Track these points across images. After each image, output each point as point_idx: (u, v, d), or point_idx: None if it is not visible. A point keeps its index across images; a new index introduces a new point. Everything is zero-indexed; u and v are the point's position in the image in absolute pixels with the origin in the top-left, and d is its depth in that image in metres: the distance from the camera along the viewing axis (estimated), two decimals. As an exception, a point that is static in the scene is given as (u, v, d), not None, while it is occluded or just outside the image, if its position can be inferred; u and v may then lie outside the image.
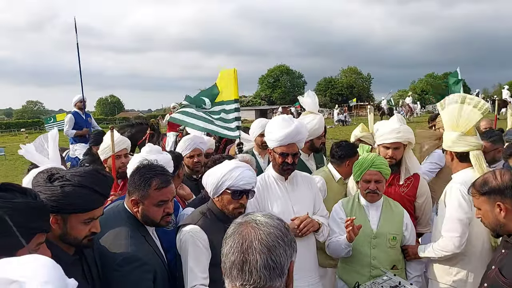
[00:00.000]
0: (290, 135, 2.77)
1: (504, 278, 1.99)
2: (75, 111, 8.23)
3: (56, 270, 1.03)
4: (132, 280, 1.98)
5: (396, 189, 3.40)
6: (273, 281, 1.17)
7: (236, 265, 1.17)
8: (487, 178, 2.12)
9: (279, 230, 1.22)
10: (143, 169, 2.23)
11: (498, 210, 2.06)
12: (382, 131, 3.45)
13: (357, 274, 2.93)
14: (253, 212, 1.30)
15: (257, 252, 1.16)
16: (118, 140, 3.80)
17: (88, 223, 1.84)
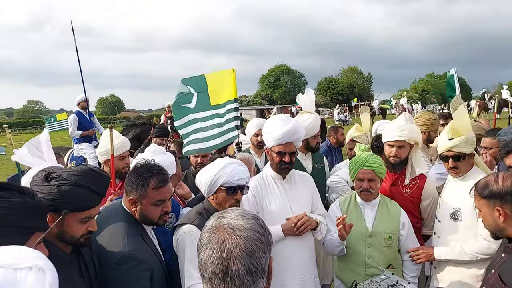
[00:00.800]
0: (287, 134, 2.78)
1: (503, 285, 1.95)
2: (78, 110, 8.24)
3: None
4: (129, 279, 1.99)
5: (399, 190, 3.37)
6: (256, 284, 1.16)
7: (217, 275, 1.14)
8: (488, 181, 2.10)
9: (255, 231, 1.18)
10: (141, 168, 2.24)
11: (497, 215, 2.04)
12: (388, 128, 3.45)
13: (352, 272, 2.95)
14: (225, 212, 1.26)
15: (238, 260, 1.13)
16: (123, 142, 3.81)
17: (85, 222, 1.84)
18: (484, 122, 5.76)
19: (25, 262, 0.97)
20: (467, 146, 2.85)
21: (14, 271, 0.94)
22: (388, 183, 3.42)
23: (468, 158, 2.90)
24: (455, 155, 2.90)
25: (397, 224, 3.00)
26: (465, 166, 2.92)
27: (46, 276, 0.99)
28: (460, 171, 2.94)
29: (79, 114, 8.18)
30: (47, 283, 0.98)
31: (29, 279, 0.95)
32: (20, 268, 0.95)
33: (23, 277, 0.94)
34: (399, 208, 3.08)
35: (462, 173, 2.94)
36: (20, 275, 0.94)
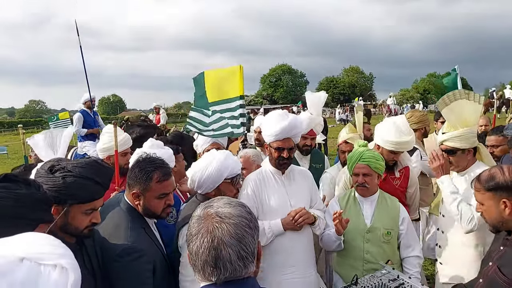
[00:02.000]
0: (285, 129, 2.79)
1: (504, 277, 1.95)
2: (83, 109, 8.37)
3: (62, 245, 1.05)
4: (132, 271, 2.02)
5: (390, 183, 3.47)
6: (247, 268, 1.20)
7: (209, 263, 1.17)
8: (494, 173, 2.05)
9: (244, 218, 1.22)
10: (143, 162, 2.26)
11: (503, 207, 2.01)
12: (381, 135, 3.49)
13: (350, 267, 2.96)
14: (211, 201, 1.28)
15: (229, 246, 1.16)
16: (126, 139, 3.83)
17: (89, 213, 1.87)
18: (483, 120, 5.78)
19: (51, 258, 0.98)
20: (460, 141, 2.86)
21: (38, 266, 0.95)
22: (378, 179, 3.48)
23: (463, 153, 2.90)
24: (447, 149, 2.92)
25: (396, 220, 3.01)
26: (459, 161, 2.92)
27: (69, 276, 1.00)
28: (453, 165, 2.96)
29: (84, 112, 8.32)
30: (69, 283, 0.99)
31: (52, 277, 0.96)
32: (44, 264, 0.96)
33: (46, 274, 0.95)
34: (399, 204, 3.10)
35: (457, 167, 2.95)
36: (44, 271, 0.95)
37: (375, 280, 2.56)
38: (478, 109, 2.89)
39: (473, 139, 2.89)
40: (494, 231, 2.17)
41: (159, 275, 2.18)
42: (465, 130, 2.86)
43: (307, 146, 3.97)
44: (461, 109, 2.89)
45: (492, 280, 2.04)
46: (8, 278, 0.89)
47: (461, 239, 2.90)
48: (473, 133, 2.90)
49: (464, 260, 2.89)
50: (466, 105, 2.88)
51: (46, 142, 2.51)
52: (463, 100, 2.88)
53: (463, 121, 2.89)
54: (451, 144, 2.89)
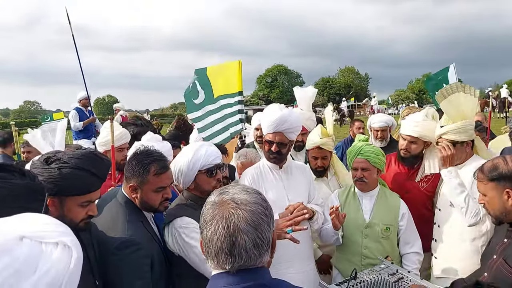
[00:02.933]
0: (275, 122, 2.75)
1: (511, 269, 1.93)
2: (78, 107, 8.39)
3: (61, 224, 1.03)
4: (130, 264, 1.99)
5: (415, 184, 3.38)
6: (262, 257, 1.18)
7: (223, 250, 1.14)
8: (497, 163, 2.03)
9: (259, 205, 1.20)
10: (141, 155, 2.23)
11: (506, 197, 1.99)
12: (405, 121, 3.43)
13: (348, 262, 2.95)
14: (226, 188, 1.25)
15: (245, 233, 1.13)
16: (122, 134, 3.80)
17: (85, 206, 1.84)
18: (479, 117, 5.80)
19: (53, 236, 0.96)
20: (460, 133, 2.85)
21: (39, 245, 0.93)
22: (403, 177, 3.43)
23: (462, 146, 2.89)
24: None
25: (396, 216, 2.99)
26: (458, 154, 2.90)
27: (72, 253, 0.98)
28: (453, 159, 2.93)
29: (80, 110, 8.33)
30: (73, 259, 0.98)
31: (54, 255, 0.94)
32: (45, 243, 0.94)
33: (49, 252, 0.93)
34: (399, 200, 3.08)
35: (456, 161, 2.93)
36: (46, 249, 0.93)
37: (374, 275, 2.55)
38: (474, 102, 2.89)
39: (471, 132, 2.89)
40: (496, 222, 2.14)
41: (157, 269, 2.15)
42: (463, 123, 2.85)
43: (298, 142, 3.94)
44: (459, 102, 2.88)
45: (498, 273, 2.01)
46: (6, 257, 0.86)
47: (458, 233, 2.88)
48: (471, 125, 2.90)
49: (460, 255, 2.87)
50: (463, 98, 2.87)
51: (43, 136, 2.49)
52: (460, 93, 2.87)
53: (461, 113, 2.88)
54: (451, 137, 2.88)
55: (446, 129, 2.90)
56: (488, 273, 2.12)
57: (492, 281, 2.05)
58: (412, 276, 2.52)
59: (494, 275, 2.05)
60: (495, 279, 2.03)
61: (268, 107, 2.98)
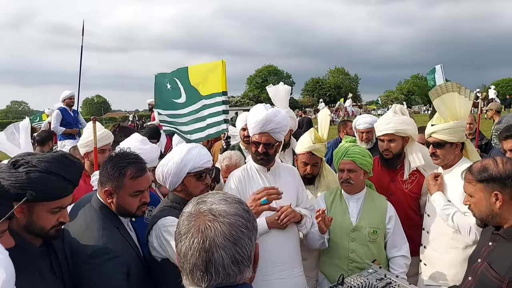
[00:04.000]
0: (260, 122, 2.69)
1: (495, 273, 1.89)
2: (62, 107, 8.18)
3: None
4: (104, 273, 1.88)
5: (399, 186, 3.32)
6: (243, 274, 1.07)
7: (199, 267, 1.03)
8: (487, 165, 1.98)
9: (240, 216, 1.08)
10: (116, 158, 2.12)
11: (494, 200, 1.95)
12: (377, 123, 3.39)
13: (335, 267, 2.89)
14: (204, 197, 1.14)
15: (222, 249, 1.02)
16: (104, 134, 3.67)
17: (56, 212, 1.74)
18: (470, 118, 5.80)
19: None
20: (449, 134, 2.80)
21: None
22: (387, 179, 3.38)
23: (451, 147, 2.84)
24: (435, 141, 2.86)
25: (383, 218, 2.93)
26: (445, 155, 2.86)
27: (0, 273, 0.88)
28: (439, 159, 2.89)
29: (63, 110, 8.12)
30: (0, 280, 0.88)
31: None
32: None
33: None
34: (386, 202, 3.03)
35: (442, 161, 2.89)
36: None
37: (361, 280, 2.49)
38: (468, 104, 2.84)
39: (461, 133, 2.84)
40: (481, 225, 2.10)
41: (134, 278, 2.04)
42: (454, 123, 2.81)
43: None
44: (452, 102, 2.83)
45: (482, 277, 1.97)
46: None
47: (448, 240, 2.81)
48: (462, 127, 2.85)
49: (450, 262, 2.80)
50: (457, 98, 2.82)
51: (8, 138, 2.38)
52: (454, 93, 2.82)
53: (453, 113, 2.83)
54: (440, 137, 2.83)
55: (436, 128, 2.85)
56: (472, 277, 2.08)
57: (477, 285, 2.02)
58: (400, 281, 2.46)
59: (479, 279, 2.01)
60: (480, 283, 2.00)
61: (254, 107, 2.89)
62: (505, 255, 1.91)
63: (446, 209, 2.75)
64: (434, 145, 2.88)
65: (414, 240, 3.09)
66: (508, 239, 1.96)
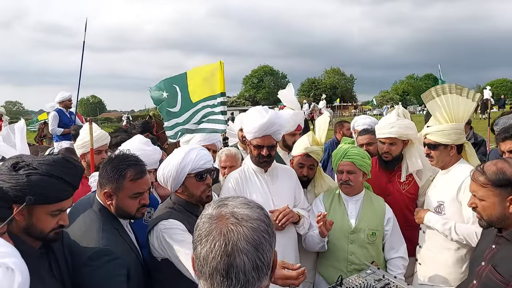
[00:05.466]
0: (263, 127, 2.71)
1: (500, 276, 1.88)
2: (59, 108, 8.19)
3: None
4: (103, 275, 1.88)
5: (396, 186, 3.34)
6: (261, 281, 1.05)
7: (219, 271, 1.00)
8: (504, 168, 1.90)
9: (262, 222, 1.06)
10: (116, 159, 2.12)
11: (508, 204, 1.90)
12: (379, 125, 3.40)
13: (334, 269, 2.89)
14: (226, 200, 1.13)
15: (244, 253, 1.00)
16: (100, 135, 3.64)
17: (56, 215, 1.73)
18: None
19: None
20: (443, 136, 2.80)
21: None
22: (384, 180, 3.39)
23: (445, 148, 2.83)
24: (429, 143, 2.87)
25: (382, 220, 2.95)
26: (440, 157, 2.86)
27: (15, 277, 0.88)
28: (434, 160, 2.90)
29: (60, 111, 8.13)
30: (16, 284, 0.88)
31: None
32: None
33: None
34: (384, 204, 3.04)
35: (437, 163, 2.89)
36: None
37: (360, 281, 2.50)
38: (470, 106, 2.81)
39: (457, 136, 2.82)
40: (486, 226, 2.07)
41: (134, 280, 2.04)
42: (450, 125, 2.80)
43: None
44: (451, 104, 2.81)
45: (487, 280, 1.97)
46: None
47: (442, 241, 2.82)
48: (459, 129, 2.82)
49: (443, 262, 2.82)
50: (457, 101, 2.80)
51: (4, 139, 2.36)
52: (454, 95, 2.81)
53: (450, 116, 2.82)
54: (433, 138, 2.83)
55: (430, 130, 2.86)
56: (477, 280, 2.07)
57: None
58: (399, 281, 2.47)
59: (483, 283, 2.00)
60: (484, 286, 1.99)
61: (251, 111, 2.88)
62: (509, 258, 1.90)
63: (446, 223, 2.75)
64: (429, 146, 2.89)
65: (411, 240, 3.11)
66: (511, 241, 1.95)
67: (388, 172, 3.41)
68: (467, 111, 2.82)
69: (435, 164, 2.93)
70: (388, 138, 3.26)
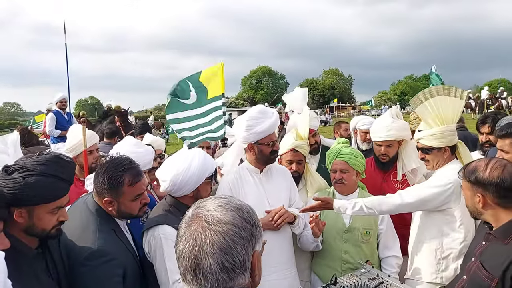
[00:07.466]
0: (273, 124, 2.82)
1: (486, 272, 1.94)
2: (56, 110, 8.23)
3: None
4: (100, 276, 1.90)
5: (391, 185, 3.37)
6: (234, 281, 1.08)
7: (189, 270, 1.07)
8: (477, 166, 2.05)
9: (234, 225, 1.08)
10: (110, 167, 2.11)
11: (477, 200, 2.04)
12: (374, 127, 3.44)
13: (328, 268, 2.91)
14: (205, 201, 1.17)
15: (210, 256, 1.04)
16: (88, 135, 3.60)
17: (55, 212, 1.76)
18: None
19: None
20: (435, 139, 2.78)
21: None
22: (380, 180, 3.43)
23: (439, 151, 2.82)
24: (423, 147, 2.87)
25: (376, 219, 2.97)
26: (434, 159, 2.86)
27: None
28: (430, 164, 2.91)
29: (57, 113, 8.15)
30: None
31: None
32: None
33: None
34: None
35: (433, 166, 2.89)
36: None
37: (354, 279, 2.52)
38: (459, 105, 2.80)
39: (450, 137, 2.80)
40: (472, 216, 2.21)
41: (131, 280, 2.06)
42: (441, 128, 2.77)
43: (313, 145, 3.82)
44: (440, 106, 2.80)
45: (474, 276, 2.02)
46: None
47: (416, 234, 2.89)
48: (450, 131, 2.81)
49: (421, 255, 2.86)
50: (446, 101, 2.79)
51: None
52: (441, 96, 2.80)
53: (440, 119, 2.80)
54: (426, 143, 2.82)
55: (422, 135, 2.84)
56: (466, 276, 2.13)
57: (469, 284, 2.07)
58: (392, 280, 2.50)
59: (471, 278, 2.06)
60: (472, 281, 2.05)
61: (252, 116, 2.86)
62: (496, 254, 1.96)
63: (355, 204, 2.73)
64: (422, 151, 2.89)
65: (406, 239, 3.12)
66: (498, 238, 2.01)
67: (383, 172, 3.44)
68: (456, 111, 2.81)
69: (431, 167, 2.92)
70: (386, 141, 3.31)
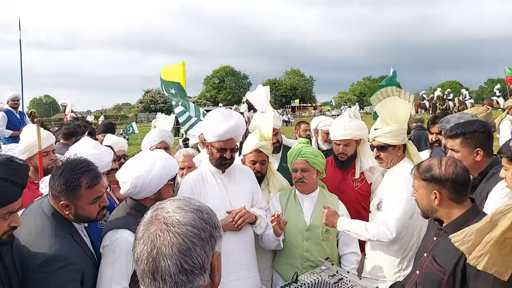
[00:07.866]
0: (230, 130, 2.74)
1: (438, 266, 2.02)
2: (7, 109, 7.81)
3: None
4: (56, 282, 1.83)
5: (349, 184, 3.46)
6: (193, 282, 1.08)
7: (147, 274, 1.05)
8: (432, 165, 2.11)
9: (193, 227, 1.08)
10: (67, 169, 2.02)
11: (433, 197, 2.08)
12: (333, 127, 3.53)
13: (289, 266, 2.95)
14: (164, 203, 1.16)
15: (168, 258, 1.04)
16: (44, 136, 3.41)
17: (6, 218, 1.68)
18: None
19: None
20: (391, 137, 2.94)
21: None
22: (339, 178, 3.51)
23: (393, 149, 2.98)
24: (378, 145, 3.01)
25: None
26: (388, 157, 3.01)
27: None
28: (384, 161, 3.05)
29: (9, 112, 7.75)
30: None
31: None
32: None
33: None
34: (338, 201, 3.15)
35: (387, 164, 3.04)
36: None
37: (314, 277, 2.57)
38: (408, 107, 3.00)
39: (403, 136, 2.99)
40: (424, 216, 2.25)
41: (89, 286, 2.00)
42: (396, 127, 2.95)
43: (275, 144, 3.83)
44: (393, 106, 2.98)
45: (427, 270, 2.10)
46: None
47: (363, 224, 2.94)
48: (403, 129, 3.00)
49: (379, 254, 2.99)
50: (397, 102, 2.97)
51: None
52: (395, 97, 2.98)
53: (394, 117, 2.98)
54: (382, 140, 2.97)
55: (378, 132, 3.00)
56: (419, 271, 2.21)
57: (422, 278, 2.15)
58: (351, 276, 2.57)
59: (424, 273, 2.14)
60: (425, 276, 2.13)
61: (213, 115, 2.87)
62: (447, 249, 2.03)
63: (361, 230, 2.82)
64: (378, 149, 3.03)
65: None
66: (449, 233, 2.10)
67: (342, 170, 3.54)
68: (405, 111, 2.99)
69: (385, 165, 3.07)
70: (343, 140, 3.41)
